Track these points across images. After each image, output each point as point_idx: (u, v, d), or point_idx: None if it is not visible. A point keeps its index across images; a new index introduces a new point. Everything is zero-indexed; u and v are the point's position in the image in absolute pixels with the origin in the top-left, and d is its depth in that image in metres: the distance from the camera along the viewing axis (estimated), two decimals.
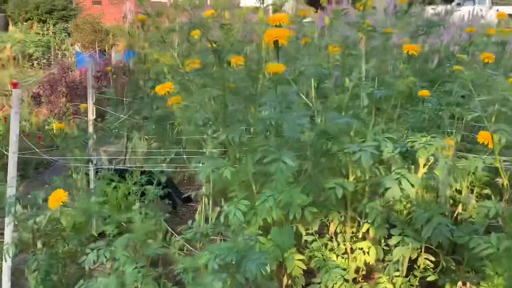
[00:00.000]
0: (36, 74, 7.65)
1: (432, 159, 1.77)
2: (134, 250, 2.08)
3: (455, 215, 2.28)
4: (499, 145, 1.54)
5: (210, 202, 2.38)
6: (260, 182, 1.94)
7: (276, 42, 1.26)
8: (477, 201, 2.36)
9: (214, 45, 1.49)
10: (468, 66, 2.65)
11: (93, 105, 3.01)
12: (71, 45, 10.40)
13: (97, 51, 9.50)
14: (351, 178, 2.00)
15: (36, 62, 9.57)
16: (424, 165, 1.80)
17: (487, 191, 2.35)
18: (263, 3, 2.10)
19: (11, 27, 11.76)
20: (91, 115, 3.03)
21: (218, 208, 2.17)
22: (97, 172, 3.04)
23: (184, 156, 2.25)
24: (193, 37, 1.62)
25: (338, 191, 1.84)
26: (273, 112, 1.43)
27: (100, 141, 4.01)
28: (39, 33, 11.04)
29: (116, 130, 2.95)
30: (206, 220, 2.50)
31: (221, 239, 2.31)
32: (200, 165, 1.94)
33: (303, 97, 2.28)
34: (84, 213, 2.40)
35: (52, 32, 11.34)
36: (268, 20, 1.46)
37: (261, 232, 1.88)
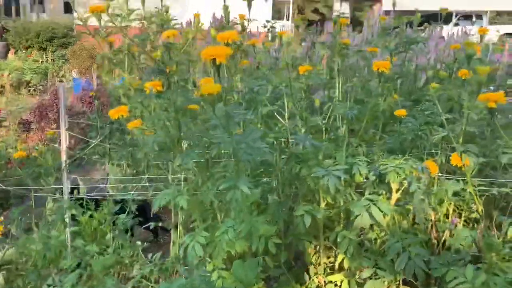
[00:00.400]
0: (28, 101, 7.63)
1: (406, 183, 1.64)
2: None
3: (442, 241, 2.13)
4: (472, 167, 1.41)
5: (179, 232, 2.24)
6: (225, 210, 1.81)
7: (214, 61, 1.15)
8: (464, 226, 2.22)
9: (161, 65, 1.39)
10: (452, 84, 2.55)
11: (66, 131, 2.90)
12: (69, 71, 10.44)
13: (94, 77, 9.50)
14: (323, 204, 1.86)
15: (32, 89, 9.58)
16: (398, 190, 1.66)
17: (475, 215, 2.21)
18: (228, 23, 2.01)
19: (10, 55, 11.85)
20: (64, 142, 2.92)
21: (179, 240, 2.04)
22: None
23: (147, 184, 2.12)
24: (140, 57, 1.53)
25: (306, 219, 1.71)
26: (222, 136, 1.31)
27: (79, 168, 3.92)
28: (37, 60, 11.10)
29: (86, 157, 2.85)
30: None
31: None
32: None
33: (279, 118, 2.18)
34: (44, 245, 2.28)
35: (51, 59, 11.41)
36: (217, 38, 1.36)
37: (224, 266, 1.74)
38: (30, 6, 18.88)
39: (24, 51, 12.19)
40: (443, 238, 2.12)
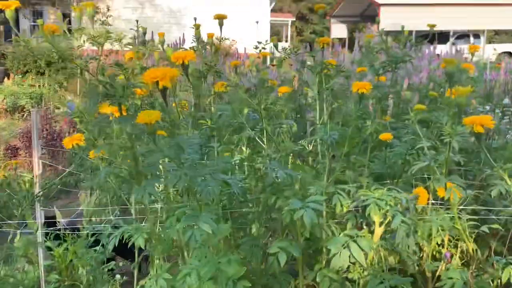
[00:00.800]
0: (21, 126, 7.51)
1: (390, 216, 1.47)
2: None
3: (436, 274, 1.95)
4: (459, 201, 1.24)
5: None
6: (192, 248, 1.64)
7: (158, 84, 1.00)
8: (461, 258, 2.04)
9: (107, 88, 1.24)
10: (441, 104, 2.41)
11: (39, 158, 2.76)
12: (62, 95, 10.37)
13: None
14: (301, 239, 1.68)
15: (26, 113, 9.49)
16: (381, 223, 1.49)
17: (472, 245, 2.03)
18: (199, 42, 1.88)
19: (6, 80, 11.78)
20: (37, 170, 2.77)
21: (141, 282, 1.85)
22: (47, 234, 2.76)
23: (112, 218, 1.96)
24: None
25: (281, 257, 1.53)
26: (172, 168, 1.16)
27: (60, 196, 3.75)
28: (33, 85, 11.04)
29: (58, 186, 2.69)
30: None
31: None
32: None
33: (261, 143, 2.03)
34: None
35: (48, 84, 11.34)
36: (172, 58, 1.22)
37: None
38: (30, 31, 19.00)
39: (20, 75, 12.12)
40: (437, 273, 1.94)
